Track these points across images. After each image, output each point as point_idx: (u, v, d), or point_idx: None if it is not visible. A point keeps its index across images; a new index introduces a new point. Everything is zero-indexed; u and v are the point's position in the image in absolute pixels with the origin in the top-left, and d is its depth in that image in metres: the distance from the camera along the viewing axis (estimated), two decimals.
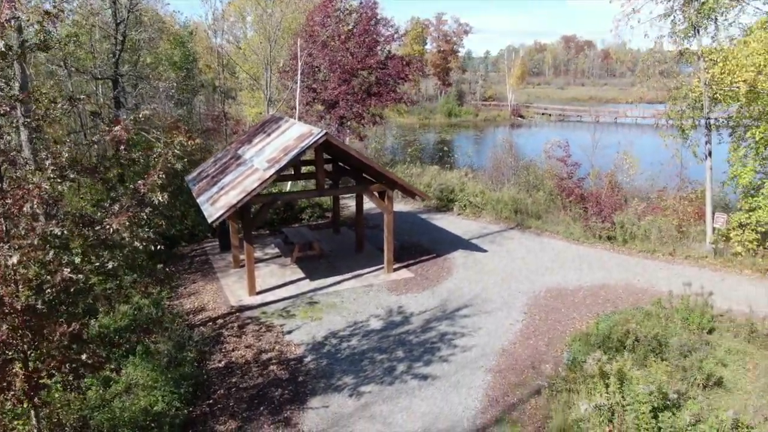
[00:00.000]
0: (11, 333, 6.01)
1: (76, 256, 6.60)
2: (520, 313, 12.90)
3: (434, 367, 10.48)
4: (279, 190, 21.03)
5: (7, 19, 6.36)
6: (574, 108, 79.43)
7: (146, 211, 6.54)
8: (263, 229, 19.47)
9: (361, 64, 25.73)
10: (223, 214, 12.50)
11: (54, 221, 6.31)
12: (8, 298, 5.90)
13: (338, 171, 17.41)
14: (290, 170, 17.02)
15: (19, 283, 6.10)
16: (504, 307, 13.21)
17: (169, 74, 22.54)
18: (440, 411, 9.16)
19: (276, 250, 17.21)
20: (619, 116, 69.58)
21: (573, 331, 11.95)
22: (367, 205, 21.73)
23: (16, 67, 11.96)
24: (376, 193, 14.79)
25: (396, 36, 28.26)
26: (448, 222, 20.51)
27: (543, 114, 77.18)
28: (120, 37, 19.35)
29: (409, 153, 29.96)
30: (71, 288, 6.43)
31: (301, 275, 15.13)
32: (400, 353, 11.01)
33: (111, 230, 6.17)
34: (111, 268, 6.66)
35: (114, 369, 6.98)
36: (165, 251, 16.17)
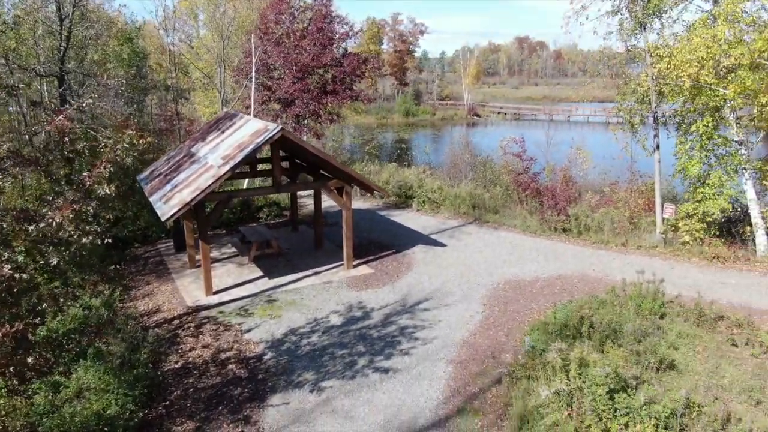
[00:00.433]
0: None
1: (19, 255, 6.29)
2: (479, 304, 13.01)
3: (395, 360, 10.45)
4: (235, 188, 20.66)
5: None
6: (529, 107, 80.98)
7: (92, 204, 6.27)
8: (220, 229, 19.10)
9: (315, 62, 25.57)
10: (177, 212, 12.18)
11: None
12: None
13: (295, 168, 17.22)
14: (246, 168, 16.80)
15: None
16: (464, 299, 13.30)
17: (118, 71, 21.86)
18: (402, 403, 9.14)
19: (233, 250, 16.90)
20: (572, 114, 71.27)
21: (531, 320, 12.12)
22: (326, 203, 21.58)
23: None
24: (334, 189, 14.68)
25: (351, 33, 28.20)
26: (407, 218, 20.56)
27: (499, 113, 78.44)
28: (65, 33, 18.65)
29: (367, 151, 29.94)
30: (14, 287, 6.13)
31: (260, 274, 14.89)
32: (361, 348, 10.95)
33: (54, 224, 5.89)
34: (56, 265, 6.37)
35: (63, 372, 6.69)
36: (117, 253, 15.77)
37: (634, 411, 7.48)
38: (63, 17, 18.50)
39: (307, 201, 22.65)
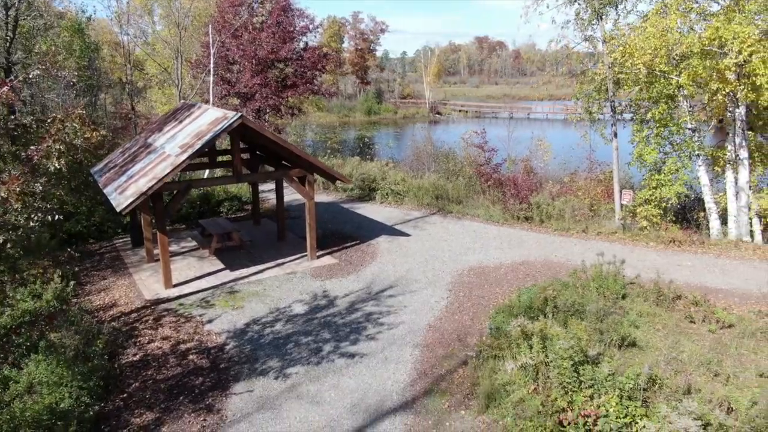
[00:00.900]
0: None
1: None
2: (444, 290, 13.00)
3: (361, 346, 10.33)
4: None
5: None
6: (490, 105, 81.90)
7: (41, 180, 5.95)
8: (179, 224, 18.62)
9: (275, 55, 25.25)
10: (133, 202, 11.79)
11: None
12: None
13: (256, 160, 16.92)
14: (206, 159, 16.43)
15: None
16: (429, 286, 13.27)
17: (70, 63, 21.08)
18: (369, 386, 9.02)
19: (193, 244, 16.48)
20: (532, 112, 72.40)
21: (496, 304, 12.16)
22: (289, 198, 21.34)
23: None
24: (296, 178, 14.46)
25: (312, 27, 27.98)
26: (370, 210, 20.45)
27: (460, 111, 79.02)
28: (11, 23, 17.89)
29: (329, 144, 29.72)
30: None
31: (221, 266, 14.55)
32: (326, 335, 10.79)
33: None
34: (2, 246, 6.02)
35: (13, 366, 6.32)
36: (73, 248, 15.19)
37: (599, 383, 7.55)
38: (8, 6, 17.76)
39: (269, 196, 22.32)
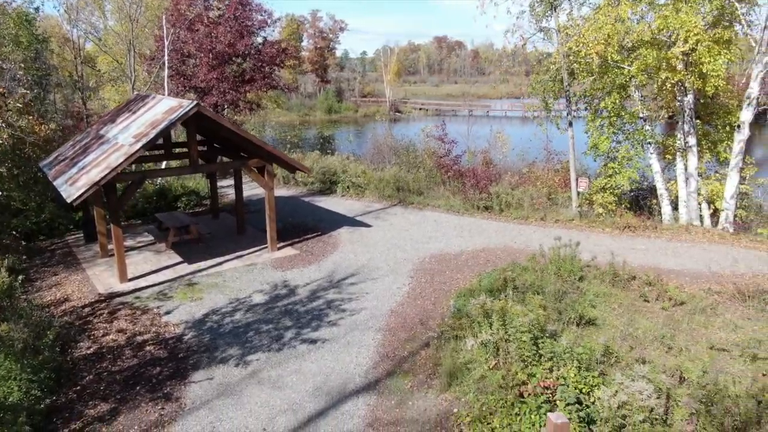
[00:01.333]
0: None
1: None
2: (406, 277, 13.03)
3: (323, 331, 10.26)
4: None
5: None
6: (450, 103, 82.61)
7: None
8: (135, 219, 18.16)
9: (232, 49, 24.85)
10: (85, 192, 11.41)
11: None
12: None
13: (214, 152, 16.63)
14: (162, 151, 16.05)
15: None
16: (391, 273, 13.28)
17: (16, 56, 20.31)
18: (332, 370, 8.95)
19: (150, 239, 16.08)
20: (491, 110, 73.38)
21: (458, 289, 12.24)
22: (249, 192, 21.08)
23: None
24: (254, 168, 14.27)
25: (270, 21, 27.61)
26: (332, 203, 20.36)
27: (420, 109, 79.48)
28: None
29: (289, 139, 29.42)
30: None
31: (179, 260, 14.24)
32: (287, 322, 10.67)
33: None
34: None
35: None
36: (22, 245, 14.64)
37: (558, 356, 7.67)
38: None
39: (228, 191, 21.98)
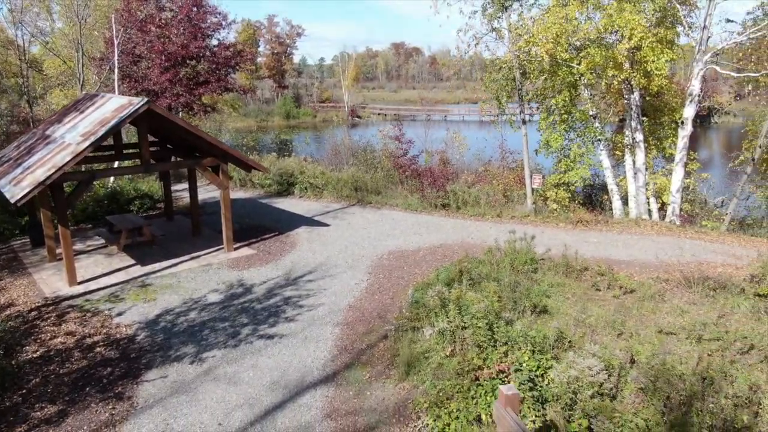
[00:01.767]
0: None
1: None
2: (364, 274, 13.04)
3: (281, 327, 10.16)
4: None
5: None
6: (408, 108, 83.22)
7: None
8: (85, 224, 17.63)
9: (186, 51, 24.48)
10: (29, 192, 11.04)
11: None
12: None
13: (167, 153, 16.31)
14: (112, 151, 15.67)
15: None
16: (349, 270, 13.27)
17: None
18: (289, 364, 8.87)
19: (101, 242, 15.63)
20: (449, 114, 74.29)
21: (416, 283, 12.31)
22: (205, 195, 20.76)
23: None
24: (209, 167, 14.06)
25: (225, 24, 27.33)
26: (289, 204, 20.22)
27: (379, 114, 79.89)
28: None
29: (245, 143, 29.08)
30: None
31: (132, 262, 13.89)
32: (244, 319, 10.53)
33: None
34: None
35: None
36: None
37: (512, 340, 7.80)
38: None
39: (183, 194, 21.59)
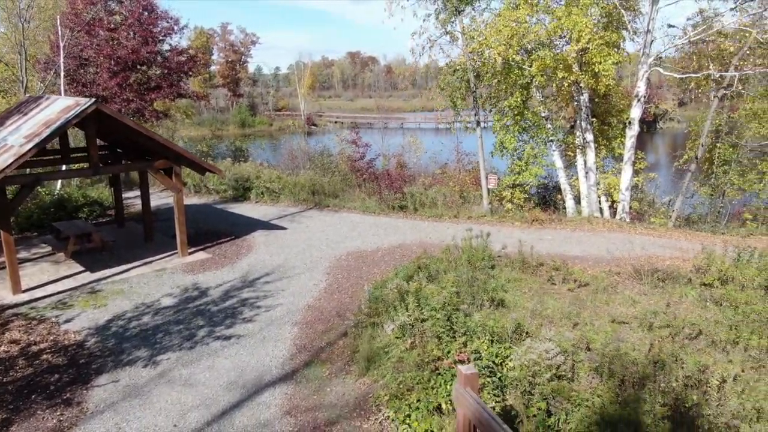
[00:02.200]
0: None
1: None
2: (323, 274, 12.94)
3: (238, 328, 9.97)
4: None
5: None
6: (365, 116, 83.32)
7: None
8: (30, 231, 16.93)
9: (136, 56, 23.94)
10: None
11: None
12: None
13: (117, 156, 15.86)
14: (59, 155, 15.14)
15: None
16: (307, 271, 13.15)
17: None
18: (247, 365, 8.70)
19: (47, 249, 15.02)
20: (405, 122, 74.81)
21: (375, 282, 12.29)
22: (158, 201, 20.26)
23: None
24: (161, 170, 13.73)
25: (177, 29, 26.88)
26: (246, 209, 19.93)
27: (336, 122, 79.77)
28: None
29: (200, 148, 28.58)
30: None
31: (80, 269, 13.40)
32: (199, 322, 10.28)
33: None
34: None
35: None
36: None
37: (471, 330, 7.86)
38: None
39: (135, 201, 20.97)
